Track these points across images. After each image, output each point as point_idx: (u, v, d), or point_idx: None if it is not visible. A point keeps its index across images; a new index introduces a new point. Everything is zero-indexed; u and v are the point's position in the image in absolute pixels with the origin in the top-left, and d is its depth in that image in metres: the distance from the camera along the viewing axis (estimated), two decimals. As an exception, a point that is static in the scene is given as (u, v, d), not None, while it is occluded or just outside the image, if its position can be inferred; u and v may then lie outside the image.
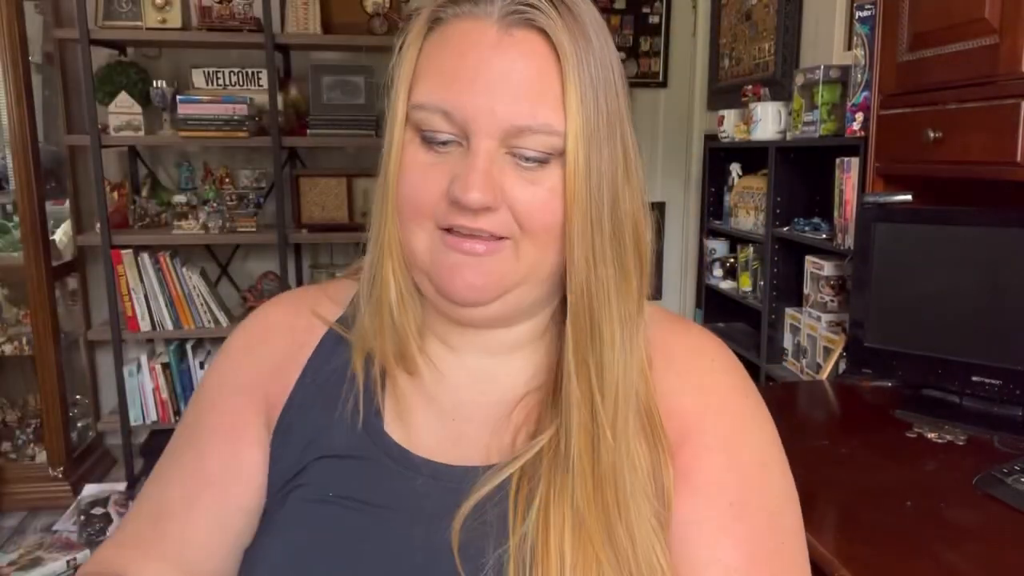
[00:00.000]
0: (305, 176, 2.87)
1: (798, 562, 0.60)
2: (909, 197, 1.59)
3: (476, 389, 0.64)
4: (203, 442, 0.65)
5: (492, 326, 0.62)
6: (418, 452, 0.62)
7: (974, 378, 1.44)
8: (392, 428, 0.63)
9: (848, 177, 1.90)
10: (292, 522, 0.61)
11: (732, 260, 2.75)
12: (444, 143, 0.56)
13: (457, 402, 0.64)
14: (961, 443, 1.35)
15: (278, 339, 0.68)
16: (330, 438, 0.63)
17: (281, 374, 0.66)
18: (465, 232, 0.56)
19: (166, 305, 2.80)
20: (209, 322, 2.84)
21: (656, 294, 3.97)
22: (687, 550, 0.58)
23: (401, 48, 0.59)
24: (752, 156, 2.63)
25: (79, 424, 3.05)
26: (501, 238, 0.57)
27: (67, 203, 2.97)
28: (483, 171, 0.54)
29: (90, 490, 2.67)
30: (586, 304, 0.57)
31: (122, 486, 2.72)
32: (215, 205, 2.81)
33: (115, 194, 2.85)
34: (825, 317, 2.03)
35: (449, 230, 0.57)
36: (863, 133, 1.79)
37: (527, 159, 0.56)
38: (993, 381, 1.41)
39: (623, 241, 0.58)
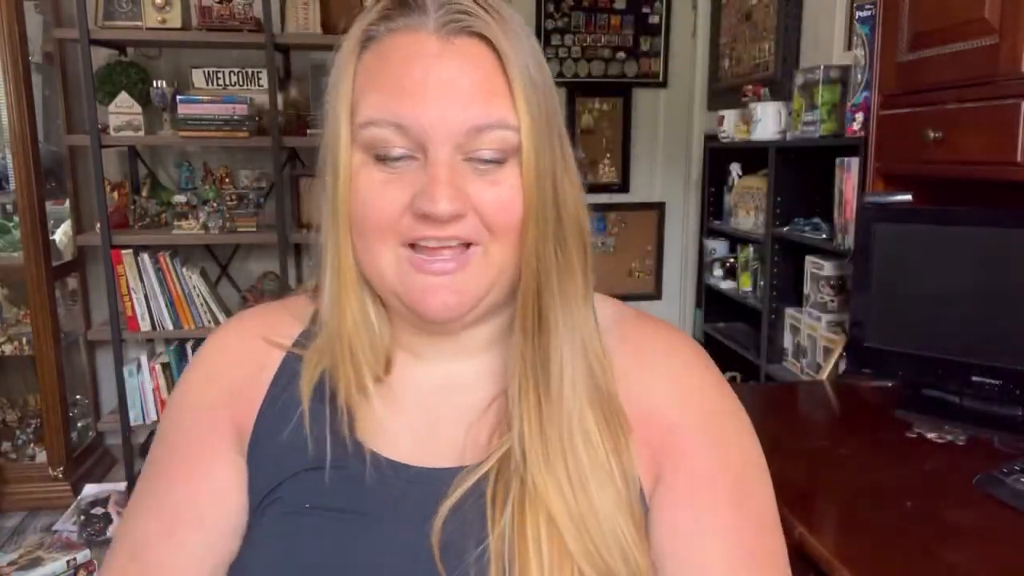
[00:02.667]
0: (305, 176, 2.87)
1: (781, 544, 0.62)
2: (909, 197, 1.59)
3: (446, 393, 0.64)
4: (173, 472, 0.64)
5: (462, 329, 0.63)
6: (394, 457, 0.62)
7: (974, 378, 1.44)
8: (365, 436, 0.62)
9: (848, 177, 1.90)
10: (270, 536, 0.61)
11: (732, 260, 2.75)
12: (398, 159, 0.56)
13: (429, 407, 0.64)
14: (961, 443, 1.35)
15: (239, 359, 0.67)
16: (303, 451, 0.62)
17: (245, 395, 0.65)
18: (433, 245, 0.56)
19: (166, 305, 2.80)
20: (209, 322, 2.84)
21: (656, 294, 3.98)
22: (675, 547, 0.59)
23: (335, 72, 0.58)
24: (752, 156, 2.63)
25: (79, 424, 3.05)
26: (469, 245, 0.57)
27: (67, 203, 2.97)
28: (447, 180, 0.55)
29: (90, 490, 2.67)
30: (533, 293, 0.59)
31: (122, 486, 2.72)
32: (215, 205, 2.80)
33: (115, 194, 2.85)
34: (825, 317, 2.03)
35: (414, 245, 0.57)
36: (863, 133, 1.79)
37: (485, 161, 0.56)
38: (993, 381, 1.41)
39: (565, 232, 0.59)
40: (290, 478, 0.62)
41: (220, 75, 2.91)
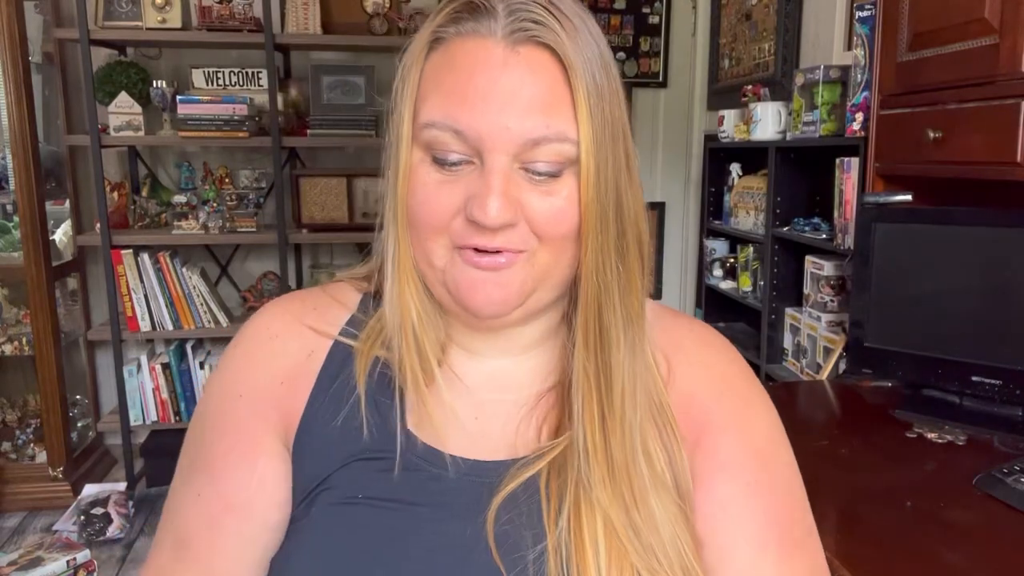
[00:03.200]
0: (305, 176, 2.87)
1: (812, 530, 0.65)
2: (909, 197, 1.59)
3: (496, 389, 0.65)
4: (216, 464, 0.63)
5: (510, 328, 0.64)
6: (446, 449, 0.62)
7: (974, 378, 1.44)
8: (417, 428, 0.63)
9: (848, 177, 1.90)
10: (321, 526, 0.60)
11: (732, 260, 2.75)
12: (455, 163, 0.57)
13: (479, 402, 0.65)
14: (961, 443, 1.35)
15: (285, 346, 0.66)
16: (354, 442, 0.62)
17: (293, 383, 0.65)
18: (477, 247, 0.57)
19: (166, 305, 2.80)
20: (209, 322, 2.84)
21: (656, 294, 3.98)
22: (714, 529, 0.61)
23: (402, 70, 0.59)
24: (752, 156, 2.63)
25: (79, 424, 3.05)
26: (518, 251, 0.58)
27: (67, 203, 2.97)
28: (501, 189, 0.55)
29: (90, 490, 2.67)
30: (595, 309, 0.60)
31: (122, 486, 2.72)
32: (215, 205, 2.81)
33: (115, 194, 2.85)
34: (825, 317, 2.03)
35: (462, 247, 0.58)
36: (863, 133, 1.79)
37: (540, 173, 0.57)
38: (993, 381, 1.41)
39: (627, 243, 0.60)
40: (341, 468, 0.61)
41: (220, 75, 2.92)
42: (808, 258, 2.13)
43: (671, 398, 0.64)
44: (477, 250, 0.57)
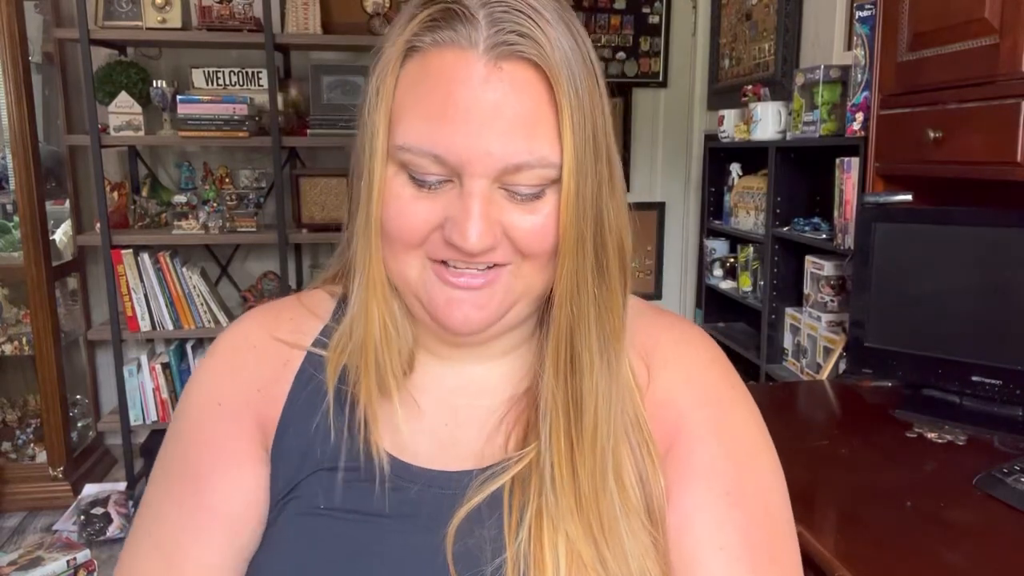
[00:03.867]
0: (305, 176, 2.87)
1: (791, 544, 0.62)
2: (909, 197, 1.59)
3: (467, 396, 0.64)
4: (202, 475, 0.62)
5: (487, 339, 0.62)
6: (411, 460, 0.62)
7: (974, 378, 1.44)
8: (383, 437, 0.61)
9: (848, 177, 1.90)
10: (286, 537, 0.60)
11: (732, 260, 2.75)
12: (433, 184, 0.54)
13: (449, 409, 0.64)
14: (961, 443, 1.35)
15: (260, 356, 0.65)
16: (322, 451, 0.62)
17: (270, 391, 0.64)
18: (461, 266, 0.56)
19: (166, 305, 2.80)
20: (209, 322, 2.84)
21: (656, 294, 3.98)
22: (687, 540, 0.59)
23: (374, 79, 0.56)
24: (752, 156, 2.63)
25: (79, 424, 3.05)
26: (502, 264, 0.56)
27: (67, 203, 2.97)
28: (481, 213, 0.53)
29: (90, 490, 2.67)
30: (567, 336, 0.58)
31: (122, 486, 2.72)
32: (215, 205, 2.81)
33: (115, 194, 2.85)
34: (825, 317, 2.03)
35: (442, 262, 0.56)
36: (863, 133, 1.79)
37: (521, 195, 0.55)
38: (993, 381, 1.41)
39: (608, 259, 0.58)
40: (309, 476, 0.61)
41: (220, 75, 2.91)
42: (808, 258, 2.13)
43: (647, 407, 0.62)
44: (451, 269, 0.56)
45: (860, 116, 1.81)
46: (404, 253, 0.57)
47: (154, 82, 2.80)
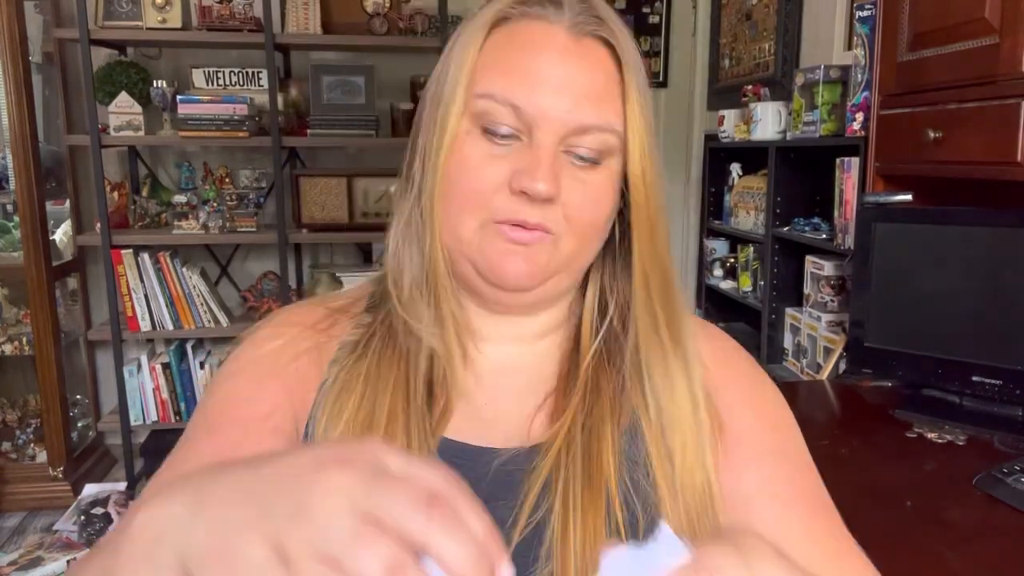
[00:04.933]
0: (305, 176, 2.87)
1: (829, 500, 0.67)
2: (909, 197, 1.59)
3: (506, 377, 0.66)
4: (237, 430, 0.61)
5: (525, 313, 0.65)
6: (455, 437, 0.62)
7: (974, 378, 1.44)
8: (443, 394, 0.63)
9: (848, 177, 1.90)
10: None
11: (732, 260, 2.75)
12: (504, 136, 0.59)
13: (489, 390, 0.66)
14: (961, 443, 1.35)
15: (304, 335, 0.66)
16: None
17: (308, 373, 0.64)
18: (517, 222, 0.59)
19: (166, 305, 2.80)
20: (209, 322, 2.84)
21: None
22: (738, 486, 0.62)
23: (458, 42, 0.61)
24: (752, 156, 2.63)
25: (79, 424, 3.05)
26: (547, 232, 0.59)
27: (67, 203, 2.97)
28: (550, 163, 0.58)
29: (90, 490, 2.67)
30: (666, 291, 0.63)
31: (122, 486, 2.72)
32: (215, 205, 2.81)
33: (115, 194, 2.85)
34: (825, 317, 2.03)
35: (497, 223, 0.59)
36: (863, 133, 1.79)
37: (581, 158, 0.59)
38: (993, 381, 1.41)
39: (663, 229, 0.64)
40: None
41: (220, 75, 2.91)
42: (808, 258, 2.13)
43: None
44: (508, 228, 0.59)
45: (860, 116, 1.81)
46: (465, 212, 0.59)
47: (154, 82, 2.80)
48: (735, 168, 2.73)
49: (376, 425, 0.60)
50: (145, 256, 2.76)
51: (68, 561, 2.23)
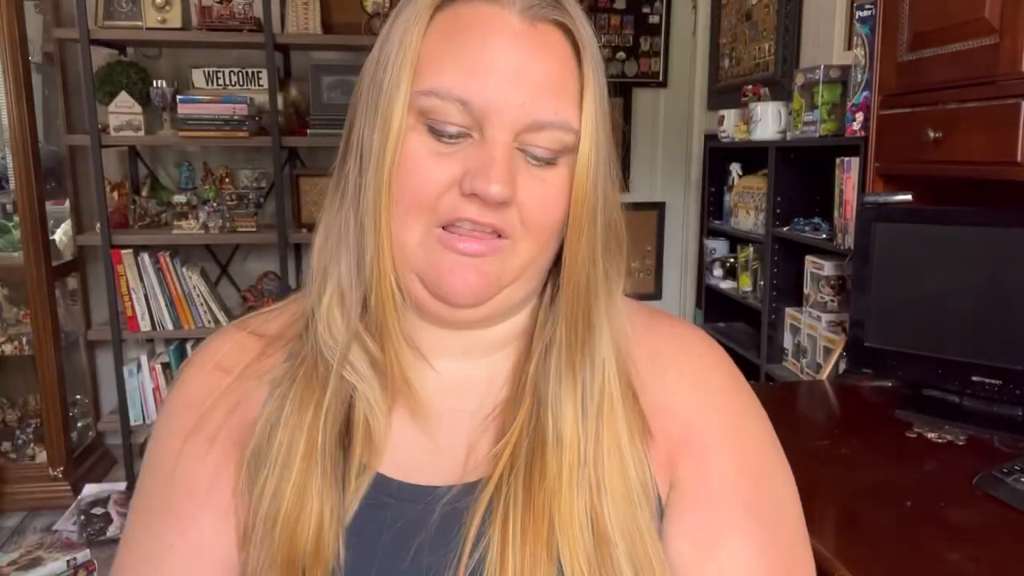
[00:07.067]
0: (305, 176, 2.87)
1: (806, 552, 0.62)
2: (909, 197, 1.59)
3: (453, 398, 0.61)
4: (186, 514, 0.59)
5: (478, 326, 0.60)
6: (393, 475, 0.59)
7: (974, 378, 1.44)
8: (363, 451, 0.58)
9: (848, 177, 1.90)
10: None
11: (732, 260, 2.75)
12: (453, 135, 0.53)
13: (433, 414, 0.60)
14: (961, 443, 1.35)
15: (231, 390, 0.62)
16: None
17: (244, 410, 0.61)
18: (466, 228, 0.54)
19: (166, 305, 2.80)
20: (209, 322, 2.84)
21: (656, 294, 3.97)
22: (706, 554, 0.58)
23: (394, 30, 0.55)
24: (752, 156, 2.63)
25: (79, 424, 3.05)
26: (500, 237, 0.55)
27: (67, 203, 2.97)
28: (505, 162, 0.52)
29: (90, 490, 2.67)
30: (583, 302, 0.57)
31: (122, 486, 2.72)
32: (215, 205, 2.81)
33: (115, 194, 2.85)
34: (825, 317, 2.03)
35: (445, 228, 0.54)
36: (863, 133, 1.78)
37: (536, 157, 0.55)
38: (993, 381, 1.41)
39: (610, 238, 0.59)
40: None
41: (220, 75, 2.91)
42: (808, 258, 2.13)
43: (643, 405, 0.60)
44: (457, 233, 0.54)
45: (860, 116, 1.81)
46: (411, 216, 0.54)
47: (154, 82, 2.80)
48: (735, 168, 2.73)
49: (290, 468, 0.56)
50: (145, 256, 2.76)
51: (68, 561, 2.23)
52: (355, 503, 0.57)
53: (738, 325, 2.85)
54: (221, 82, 2.91)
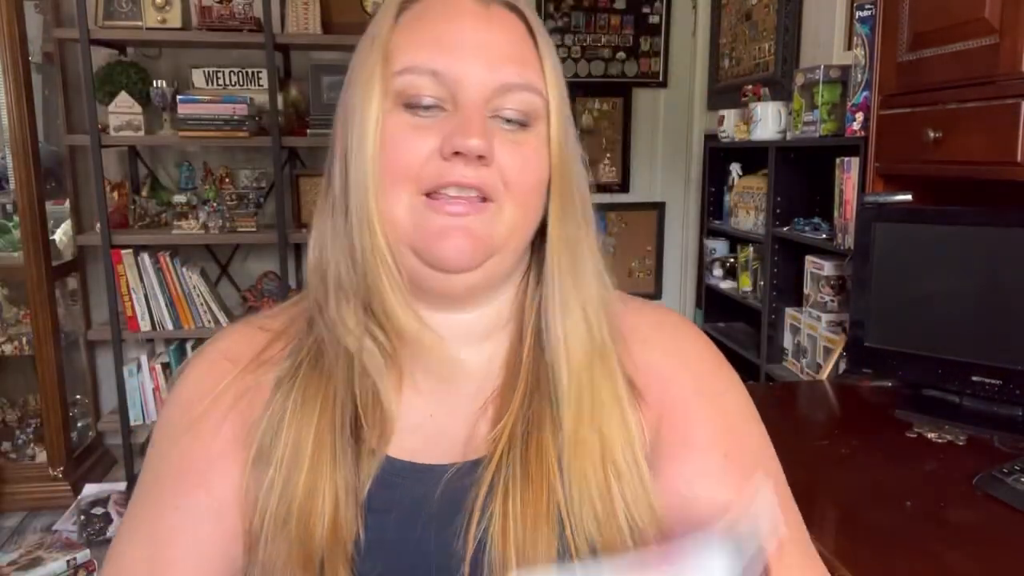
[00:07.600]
0: (305, 176, 2.87)
1: (790, 503, 0.64)
2: (909, 197, 1.59)
3: (453, 382, 0.64)
4: (187, 479, 0.61)
5: (471, 303, 0.63)
6: (399, 456, 0.61)
7: (974, 378, 1.44)
8: (373, 436, 0.60)
9: (848, 177, 1.90)
10: None
11: (732, 260, 2.75)
12: (428, 108, 0.58)
13: (433, 401, 0.64)
14: (961, 443, 1.35)
15: (234, 384, 0.64)
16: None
17: (248, 405, 0.63)
18: (453, 193, 0.57)
19: (166, 305, 2.80)
20: (209, 322, 2.84)
21: (656, 294, 3.97)
22: (688, 504, 0.60)
23: (369, 29, 0.61)
24: (752, 156, 2.63)
25: (79, 424, 3.05)
26: (485, 200, 0.58)
27: (67, 203, 2.97)
28: (480, 121, 0.57)
29: (90, 490, 2.67)
30: (568, 253, 0.61)
31: (122, 486, 2.72)
32: (215, 205, 2.80)
33: (115, 194, 2.85)
34: (825, 317, 2.03)
35: (430, 196, 0.57)
36: (863, 133, 1.79)
37: (509, 120, 0.59)
38: (993, 381, 1.41)
39: (583, 202, 0.63)
40: None
41: (220, 75, 2.91)
42: (808, 258, 2.13)
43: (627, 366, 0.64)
44: (442, 199, 0.57)
45: (860, 116, 1.81)
46: (397, 187, 0.57)
47: (154, 82, 2.80)
48: (735, 168, 2.73)
49: (300, 464, 0.58)
50: (145, 256, 2.76)
51: (68, 561, 2.23)
52: (367, 484, 0.60)
53: (738, 325, 2.85)
54: (221, 82, 2.91)
